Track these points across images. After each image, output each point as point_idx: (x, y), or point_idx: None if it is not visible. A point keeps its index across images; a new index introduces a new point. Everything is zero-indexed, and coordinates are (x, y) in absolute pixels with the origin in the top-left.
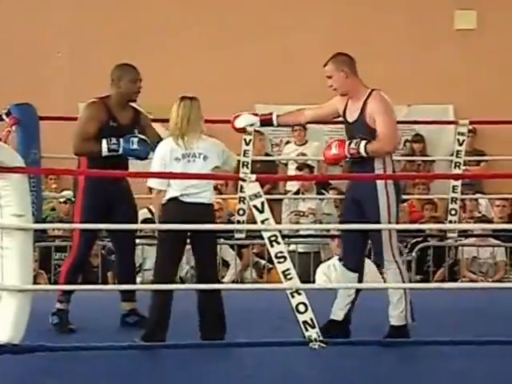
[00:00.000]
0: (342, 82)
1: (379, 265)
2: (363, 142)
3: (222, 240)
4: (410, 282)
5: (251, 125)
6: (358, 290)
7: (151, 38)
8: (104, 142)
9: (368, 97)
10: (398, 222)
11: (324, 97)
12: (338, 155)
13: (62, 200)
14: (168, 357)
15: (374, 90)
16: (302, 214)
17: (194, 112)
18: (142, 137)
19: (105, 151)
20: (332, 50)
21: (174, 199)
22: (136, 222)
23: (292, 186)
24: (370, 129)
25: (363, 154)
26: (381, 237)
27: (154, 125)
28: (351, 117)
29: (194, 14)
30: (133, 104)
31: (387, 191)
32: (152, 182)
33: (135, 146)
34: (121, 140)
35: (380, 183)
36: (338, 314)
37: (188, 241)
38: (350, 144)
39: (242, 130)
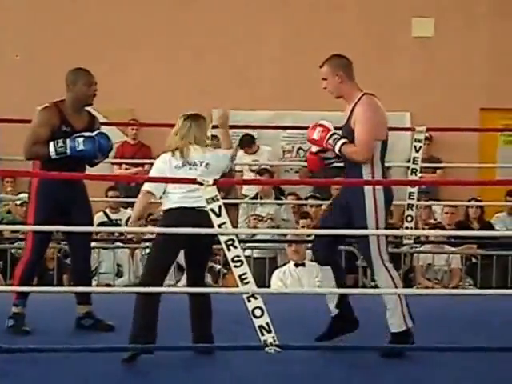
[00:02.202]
0: (336, 86)
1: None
2: (341, 141)
3: None
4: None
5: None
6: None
7: (111, 41)
8: (51, 144)
9: (358, 101)
10: (386, 228)
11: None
12: (317, 142)
13: (18, 202)
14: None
15: (365, 95)
16: (260, 218)
17: (197, 132)
18: (89, 134)
19: (53, 154)
20: (285, 58)
21: (174, 208)
22: (91, 225)
23: (249, 190)
24: (354, 133)
25: (337, 152)
26: (368, 242)
27: (110, 129)
28: (343, 120)
29: (154, 18)
30: (88, 108)
31: (375, 197)
32: (148, 185)
33: (81, 147)
34: (67, 141)
35: (368, 189)
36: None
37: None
38: (330, 137)
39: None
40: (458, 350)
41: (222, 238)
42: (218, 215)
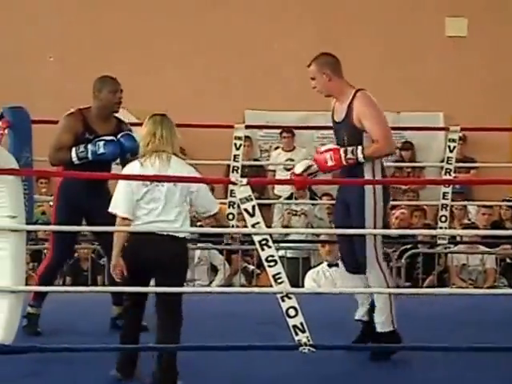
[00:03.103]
0: (325, 84)
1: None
2: (360, 149)
3: (210, 245)
4: (399, 287)
5: (308, 167)
6: None
7: (144, 42)
8: (73, 150)
9: (353, 97)
10: (385, 227)
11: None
12: (335, 166)
13: (52, 203)
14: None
15: (359, 91)
16: (294, 212)
17: (164, 129)
18: (111, 138)
19: (75, 159)
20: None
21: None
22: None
23: (282, 191)
24: (357, 129)
25: (361, 160)
26: (365, 240)
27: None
28: (338, 117)
29: (187, 19)
30: (121, 110)
31: (375, 196)
32: (116, 208)
33: (101, 150)
34: (88, 146)
35: (368, 188)
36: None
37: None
38: (346, 153)
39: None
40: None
41: (256, 238)
42: (252, 215)
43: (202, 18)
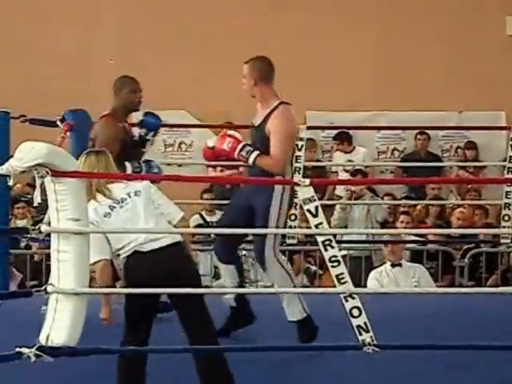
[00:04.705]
0: (250, 86)
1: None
2: (255, 153)
3: None
4: (462, 286)
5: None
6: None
7: (205, 43)
8: (128, 165)
9: (275, 108)
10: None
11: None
12: (225, 153)
13: None
14: None
15: (282, 104)
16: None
17: (101, 167)
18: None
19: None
20: (378, 58)
21: (133, 254)
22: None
23: (343, 191)
24: (267, 138)
25: (250, 163)
26: (265, 242)
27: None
28: (256, 121)
29: (250, 19)
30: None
31: (282, 200)
32: (98, 254)
33: (156, 170)
34: (143, 166)
35: (277, 193)
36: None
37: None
38: (242, 148)
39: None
40: None
41: (320, 239)
42: (315, 215)
43: (265, 19)
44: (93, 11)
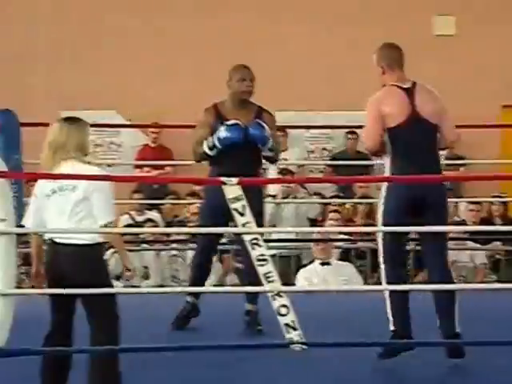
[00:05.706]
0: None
1: None
2: None
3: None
4: None
5: None
6: None
7: (134, 44)
8: (204, 142)
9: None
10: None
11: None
12: None
13: None
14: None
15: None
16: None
17: (70, 137)
18: (232, 122)
19: (206, 149)
20: (315, 57)
21: (49, 241)
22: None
23: (274, 190)
24: None
25: None
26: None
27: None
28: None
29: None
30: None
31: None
32: (27, 222)
33: (223, 134)
34: (214, 134)
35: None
36: None
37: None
38: None
39: None
40: None
41: (247, 238)
42: (242, 214)
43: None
44: (26, 13)
